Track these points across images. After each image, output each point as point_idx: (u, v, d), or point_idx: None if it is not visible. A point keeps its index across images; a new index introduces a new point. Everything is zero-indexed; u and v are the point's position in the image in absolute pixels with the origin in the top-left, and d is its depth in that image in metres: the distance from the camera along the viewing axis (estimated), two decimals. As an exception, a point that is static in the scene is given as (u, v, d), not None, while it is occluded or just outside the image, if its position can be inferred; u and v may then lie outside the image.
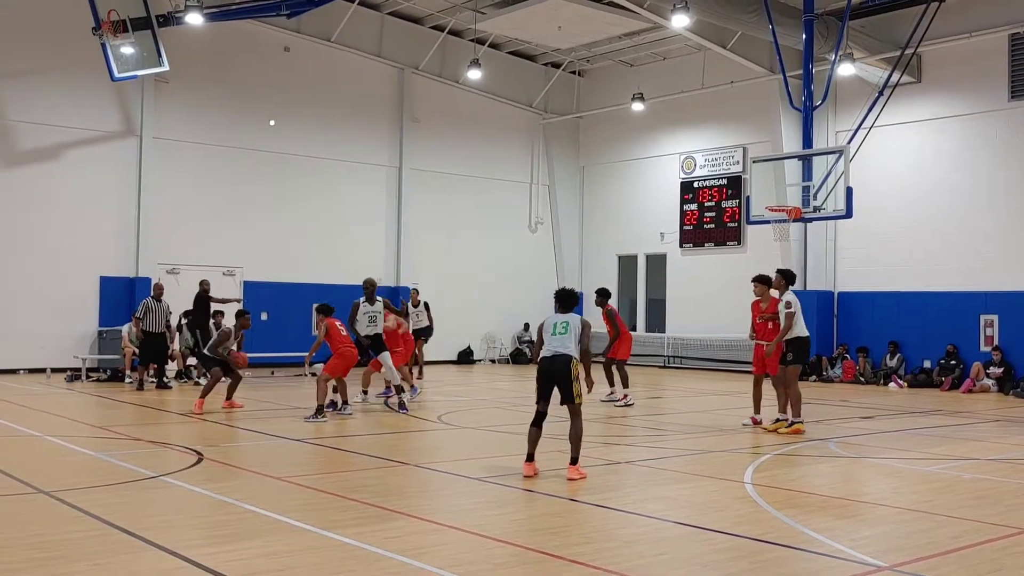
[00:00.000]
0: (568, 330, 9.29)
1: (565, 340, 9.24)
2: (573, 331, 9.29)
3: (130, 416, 14.70)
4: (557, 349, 9.19)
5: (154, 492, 8.50)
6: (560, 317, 9.46)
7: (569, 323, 9.34)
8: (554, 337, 9.29)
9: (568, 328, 9.30)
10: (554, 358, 9.17)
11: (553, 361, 9.18)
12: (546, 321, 9.51)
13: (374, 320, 14.94)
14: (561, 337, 9.27)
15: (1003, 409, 16.95)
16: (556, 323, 9.38)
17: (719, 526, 7.20)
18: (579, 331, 9.31)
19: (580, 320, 9.42)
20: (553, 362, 9.18)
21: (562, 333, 9.29)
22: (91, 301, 22.17)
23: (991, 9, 21.05)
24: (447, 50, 27.09)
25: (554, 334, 9.32)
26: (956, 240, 21.81)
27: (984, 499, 8.50)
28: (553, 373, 9.18)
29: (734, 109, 25.97)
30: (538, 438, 9.31)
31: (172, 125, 23.19)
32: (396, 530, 6.96)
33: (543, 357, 9.26)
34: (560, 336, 9.28)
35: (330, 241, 25.43)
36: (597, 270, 29.87)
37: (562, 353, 9.17)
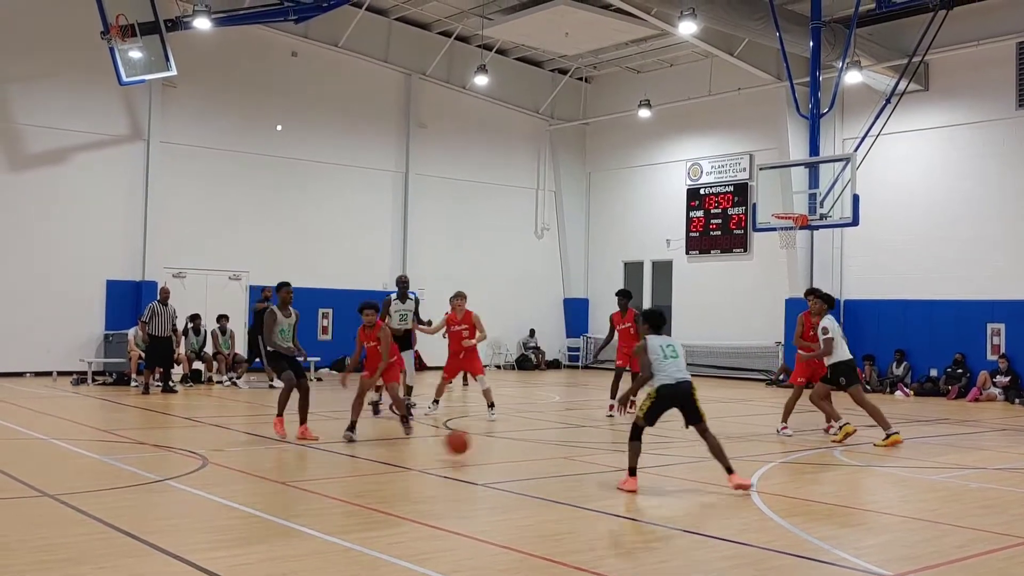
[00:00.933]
0: (678, 353, 9.17)
1: (680, 363, 9.11)
2: (682, 353, 9.20)
3: (135, 420, 14.71)
4: (677, 376, 9.03)
5: (159, 496, 8.50)
6: (665, 340, 9.25)
7: (675, 345, 9.20)
8: (667, 362, 9.08)
9: (677, 351, 9.17)
10: (679, 384, 8.99)
11: (679, 387, 8.99)
12: (649, 344, 9.20)
13: (404, 318, 14.71)
14: (675, 361, 9.10)
15: (1010, 418, 16.88)
16: (663, 346, 9.15)
17: (724, 534, 7.18)
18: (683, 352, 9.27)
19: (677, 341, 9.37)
20: (679, 387, 8.99)
21: (674, 357, 9.12)
22: (97, 304, 22.22)
23: (999, 17, 21.03)
24: (454, 56, 27.13)
25: (666, 358, 9.10)
26: (963, 248, 21.75)
27: (990, 508, 8.46)
28: (679, 397, 9.02)
29: (741, 116, 25.96)
30: (639, 451, 9.07)
31: (179, 129, 23.26)
32: (400, 535, 6.96)
33: (665, 384, 9.01)
34: (674, 360, 9.10)
35: (336, 246, 25.46)
36: (603, 277, 29.86)
37: (687, 379, 9.04)
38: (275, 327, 12.13)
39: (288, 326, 12.25)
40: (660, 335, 9.32)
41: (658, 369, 9.07)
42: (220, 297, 23.28)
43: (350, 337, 26.29)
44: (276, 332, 12.14)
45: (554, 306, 30.08)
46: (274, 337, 12.12)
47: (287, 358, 12.24)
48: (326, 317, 25.31)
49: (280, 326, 12.17)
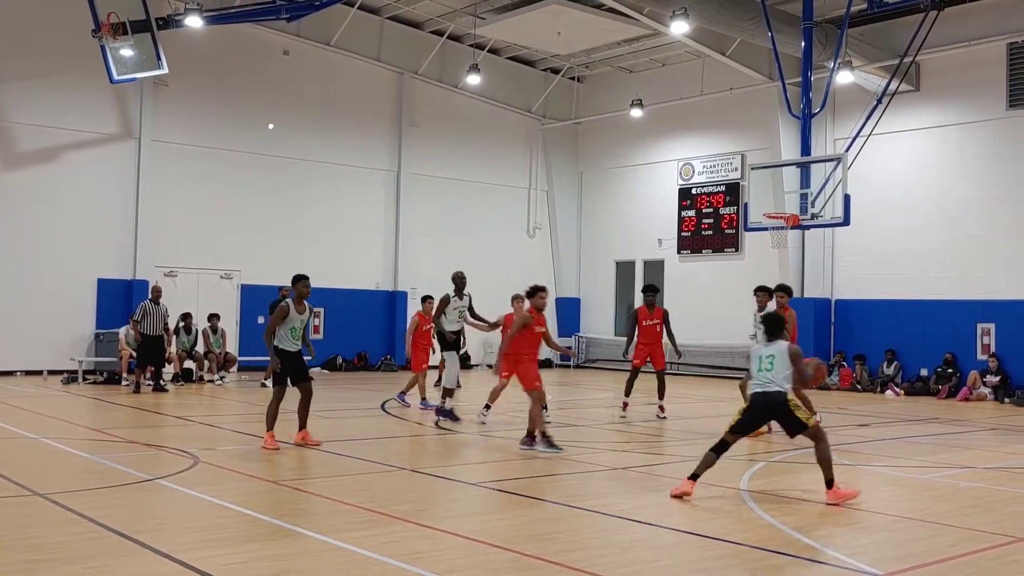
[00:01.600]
0: (774, 364, 8.80)
1: (774, 375, 8.78)
2: (781, 364, 8.80)
3: (126, 419, 14.68)
4: (767, 386, 8.75)
5: (150, 495, 8.48)
6: (766, 350, 8.92)
7: (776, 356, 8.83)
8: (760, 373, 8.84)
9: (774, 363, 8.81)
10: (767, 395, 8.73)
11: (767, 397, 8.73)
12: (752, 352, 9.05)
13: (463, 315, 14.25)
14: (768, 372, 8.80)
15: (1000, 417, 16.95)
16: (762, 356, 8.89)
17: (715, 533, 7.20)
18: (788, 362, 8.82)
19: (788, 348, 8.89)
20: (767, 398, 8.73)
21: (768, 369, 8.82)
22: (88, 303, 22.16)
23: (989, 18, 21.10)
24: (446, 55, 27.11)
25: (760, 370, 8.86)
26: (954, 248, 21.83)
27: (980, 507, 8.50)
28: (772, 409, 8.78)
29: (733, 116, 26.00)
30: (711, 464, 8.73)
31: (171, 128, 23.20)
32: (393, 535, 6.95)
33: (756, 392, 8.80)
34: (766, 372, 8.81)
35: (328, 245, 25.42)
36: (595, 276, 29.90)
37: (774, 390, 8.73)
38: (285, 323, 11.30)
39: (300, 323, 11.44)
40: (772, 342, 8.96)
41: (752, 380, 8.90)
42: (211, 296, 23.23)
43: (343, 335, 26.34)
44: (286, 329, 11.34)
45: (547, 305, 30.03)
46: (281, 333, 11.31)
47: (292, 362, 11.50)
48: (318, 316, 25.26)
49: (292, 323, 11.35)
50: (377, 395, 18.50)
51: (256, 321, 23.22)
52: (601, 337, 29.52)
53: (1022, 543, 7.07)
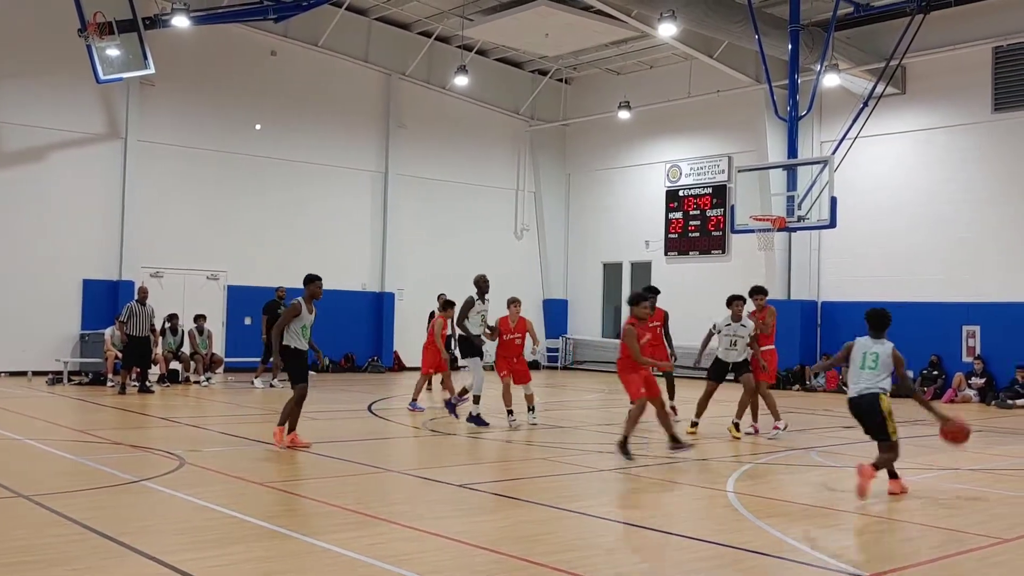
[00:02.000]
0: (878, 364, 8.71)
1: (874, 375, 8.70)
2: (885, 363, 8.73)
3: (111, 420, 14.61)
4: (865, 388, 8.70)
5: (135, 497, 8.45)
6: (871, 346, 8.81)
7: (879, 354, 8.72)
8: (862, 371, 8.72)
9: (879, 362, 8.71)
10: (861, 397, 8.72)
11: (861, 399, 8.74)
12: (855, 345, 8.88)
13: (485, 319, 14.04)
14: (871, 372, 8.69)
15: (984, 419, 17.03)
16: (866, 353, 8.76)
17: (701, 534, 7.21)
18: (891, 364, 8.74)
19: (893, 351, 8.78)
20: (861, 400, 8.74)
21: (872, 368, 8.69)
22: (73, 304, 22.06)
23: (975, 22, 21.22)
24: (434, 56, 27.10)
25: (863, 367, 8.72)
26: (939, 251, 21.94)
27: (965, 509, 8.54)
28: (861, 412, 8.78)
29: (720, 118, 26.07)
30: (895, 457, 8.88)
31: (157, 128, 23.12)
32: (378, 536, 6.95)
33: (851, 397, 8.74)
34: (870, 371, 8.69)
35: (315, 246, 25.35)
36: (582, 278, 29.93)
37: (869, 392, 8.68)
38: (296, 323, 11.14)
39: (309, 324, 11.30)
40: (876, 339, 8.89)
41: (851, 378, 8.86)
42: (198, 297, 23.15)
43: (329, 337, 26.32)
44: (297, 327, 11.18)
45: (533, 307, 30.07)
46: (293, 332, 11.15)
47: (302, 361, 11.32)
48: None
49: (302, 322, 11.20)
50: (364, 397, 18.47)
51: (243, 322, 23.18)
52: (588, 339, 29.55)
53: (1007, 544, 7.11)
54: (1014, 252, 20.87)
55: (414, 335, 27.11)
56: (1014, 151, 21.05)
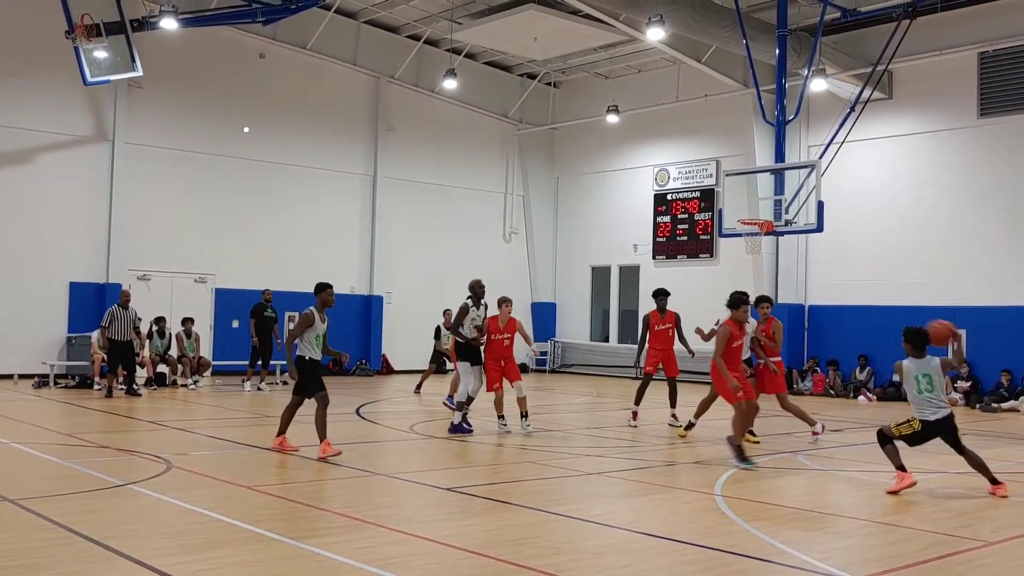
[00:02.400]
0: (934, 385, 8.94)
1: (938, 395, 9.01)
2: (939, 381, 8.98)
3: (98, 423, 14.56)
4: (939, 413, 8.98)
5: (122, 500, 8.42)
6: (923, 367, 9.01)
7: (932, 376, 8.94)
8: (923, 396, 8.93)
9: (934, 383, 8.94)
10: (942, 420, 9.01)
11: (942, 423, 9.03)
12: (906, 371, 9.07)
13: (479, 325, 13.87)
14: (931, 395, 8.97)
15: (970, 423, 17.11)
16: (919, 376, 8.98)
17: (689, 538, 7.23)
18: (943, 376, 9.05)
19: (941, 362, 9.06)
20: (942, 423, 9.03)
21: (929, 391, 8.92)
22: (60, 307, 21.96)
23: (960, 28, 21.35)
24: (423, 59, 27.11)
25: (921, 392, 8.93)
26: (925, 255, 22.05)
27: (951, 512, 8.58)
28: (943, 431, 9.09)
29: (708, 122, 26.15)
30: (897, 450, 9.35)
31: (145, 130, 23.05)
32: (366, 540, 6.94)
33: (927, 421, 8.95)
34: (930, 393, 8.96)
35: (303, 249, 25.33)
36: (570, 281, 29.96)
37: (948, 414, 9.03)
38: (309, 333, 10.99)
39: (323, 333, 11.15)
40: (921, 358, 9.04)
41: (916, 402, 9.00)
42: (185, 300, 23.10)
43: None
44: (311, 339, 11.02)
45: (522, 310, 30.02)
46: (306, 341, 10.99)
47: (315, 371, 11.16)
48: (292, 320, 25.15)
49: (316, 332, 11.04)
50: (352, 400, 18.44)
51: (231, 325, 23.11)
52: (577, 342, 29.58)
53: (992, 547, 7.15)
54: (999, 256, 20.99)
55: (403, 338, 27.18)
56: (999, 156, 21.18)
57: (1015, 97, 21.01)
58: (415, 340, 27.48)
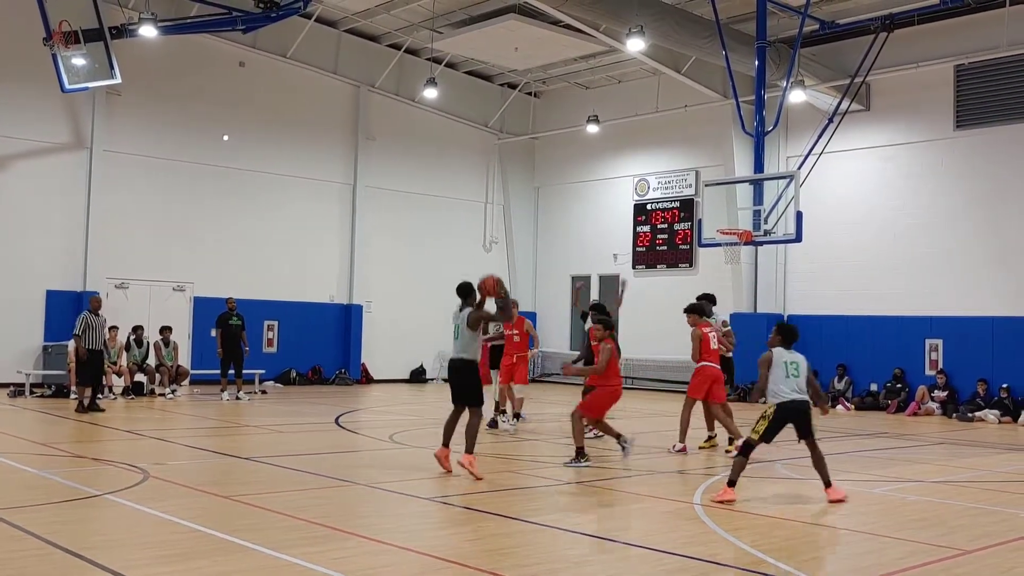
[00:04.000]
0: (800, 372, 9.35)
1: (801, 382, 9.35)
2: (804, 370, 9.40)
3: (74, 433, 14.43)
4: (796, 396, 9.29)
5: (98, 511, 8.35)
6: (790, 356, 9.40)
7: (800, 363, 9.38)
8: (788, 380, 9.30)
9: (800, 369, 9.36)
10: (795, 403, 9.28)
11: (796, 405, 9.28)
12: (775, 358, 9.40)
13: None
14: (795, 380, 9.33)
15: (947, 432, 17.24)
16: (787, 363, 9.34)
17: (669, 547, 7.24)
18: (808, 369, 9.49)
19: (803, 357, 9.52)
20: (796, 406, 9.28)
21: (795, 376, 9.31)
22: (36, 315, 21.76)
23: (937, 41, 21.55)
24: (404, 68, 27.11)
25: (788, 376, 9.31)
26: (902, 265, 22.21)
27: (928, 521, 8.63)
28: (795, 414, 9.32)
29: (687, 133, 26.27)
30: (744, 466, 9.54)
31: (123, 138, 22.91)
32: (346, 550, 6.91)
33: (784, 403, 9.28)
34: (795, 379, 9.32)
35: (283, 258, 25.25)
36: (551, 290, 29.98)
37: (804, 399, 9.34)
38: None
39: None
40: (788, 351, 9.43)
41: (777, 386, 9.27)
42: (164, 308, 22.93)
43: (297, 349, 26.09)
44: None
45: (502, 319, 30.07)
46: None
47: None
48: (271, 329, 25.09)
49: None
50: (331, 409, 18.38)
51: (209, 334, 22.95)
52: (557, 351, 29.57)
53: (969, 556, 7.19)
54: (975, 267, 21.17)
55: (382, 348, 27.13)
56: (975, 168, 21.39)
57: (991, 109, 21.24)
58: (395, 349, 27.51)
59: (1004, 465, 12.96)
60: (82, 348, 16.98)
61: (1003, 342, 20.49)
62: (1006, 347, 20.40)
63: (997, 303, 20.72)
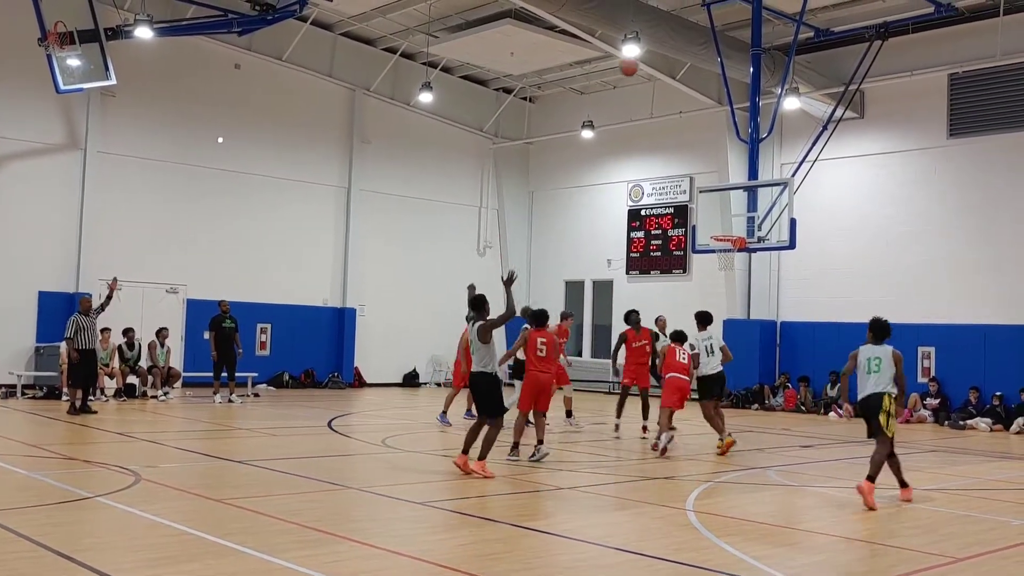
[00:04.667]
0: (881, 367, 9.74)
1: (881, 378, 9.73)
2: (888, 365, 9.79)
3: (66, 435, 14.39)
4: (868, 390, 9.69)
5: (90, 513, 8.33)
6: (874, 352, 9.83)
7: (883, 359, 9.78)
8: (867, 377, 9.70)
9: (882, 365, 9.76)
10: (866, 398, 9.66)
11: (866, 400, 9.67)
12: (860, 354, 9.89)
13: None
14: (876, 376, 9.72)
15: (939, 440, 17.27)
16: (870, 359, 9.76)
17: (660, 552, 7.24)
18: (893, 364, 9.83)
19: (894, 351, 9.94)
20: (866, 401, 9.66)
21: (876, 372, 9.67)
22: (29, 316, 21.69)
23: (931, 50, 21.63)
24: (399, 72, 27.11)
25: (868, 373, 9.69)
26: (896, 273, 22.25)
27: (920, 528, 8.65)
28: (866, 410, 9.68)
29: (682, 139, 26.30)
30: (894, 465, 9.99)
31: (118, 139, 22.87)
32: (338, 554, 6.90)
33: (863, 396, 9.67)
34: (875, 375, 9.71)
35: (276, 261, 25.21)
36: (544, 295, 29.96)
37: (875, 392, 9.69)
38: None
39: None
40: (877, 345, 9.86)
41: (860, 382, 9.70)
42: (157, 310, 22.87)
43: (290, 352, 26.07)
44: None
45: (495, 324, 30.05)
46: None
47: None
48: (264, 332, 25.04)
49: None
50: (324, 413, 18.35)
51: (202, 336, 22.88)
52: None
53: (960, 564, 7.21)
54: (968, 275, 21.22)
55: (375, 351, 27.10)
56: (968, 176, 21.45)
57: (984, 118, 21.30)
58: (388, 353, 27.47)
59: (996, 473, 13.00)
60: (74, 351, 16.93)
61: (995, 350, 20.54)
62: (998, 355, 20.45)
63: (989, 311, 20.77)
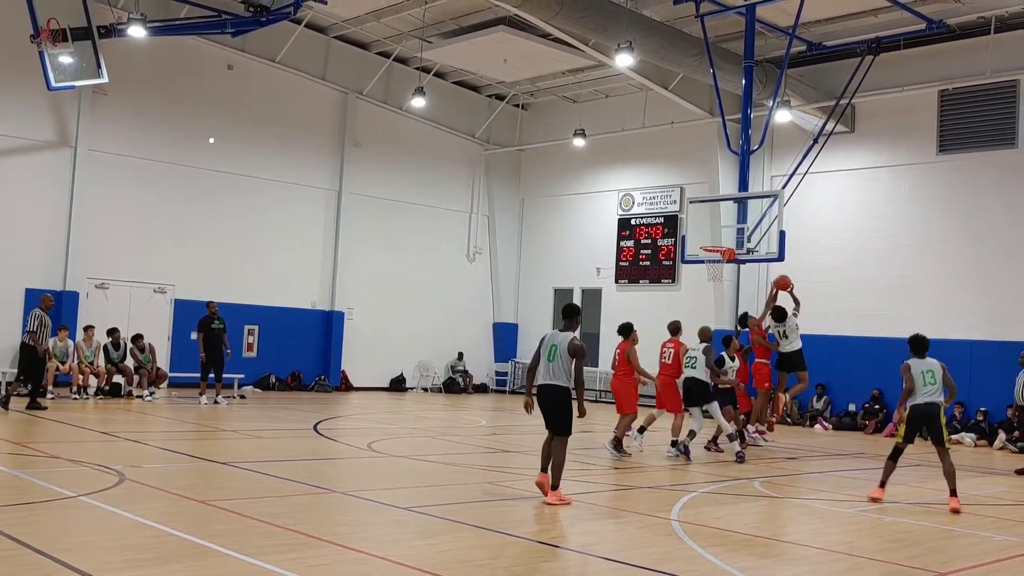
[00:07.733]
0: (936, 379, 10.62)
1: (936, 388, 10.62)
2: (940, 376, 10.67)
3: (50, 433, 14.31)
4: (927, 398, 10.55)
5: (72, 512, 8.28)
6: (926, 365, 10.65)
7: (935, 371, 10.64)
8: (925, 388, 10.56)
9: (936, 377, 10.62)
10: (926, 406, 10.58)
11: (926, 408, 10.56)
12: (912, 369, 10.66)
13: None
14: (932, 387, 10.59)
15: (923, 454, 17.29)
16: (924, 372, 10.58)
17: (644, 563, 7.24)
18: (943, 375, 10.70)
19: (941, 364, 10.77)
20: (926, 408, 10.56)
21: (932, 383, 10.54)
22: (14, 313, 21.53)
23: (922, 66, 21.75)
24: (392, 77, 27.12)
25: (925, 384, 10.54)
26: (883, 287, 22.34)
27: (903, 541, 8.67)
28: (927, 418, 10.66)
29: (673, 149, 26.37)
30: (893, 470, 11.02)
31: (109, 138, 22.79)
32: (322, 558, 6.88)
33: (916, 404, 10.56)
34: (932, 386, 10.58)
35: (265, 262, 25.15)
36: (533, 302, 30.01)
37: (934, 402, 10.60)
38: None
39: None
40: (923, 359, 10.70)
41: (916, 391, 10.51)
42: (144, 310, 22.80)
43: (277, 354, 25.99)
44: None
45: (483, 330, 30.11)
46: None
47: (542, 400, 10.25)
48: (252, 334, 24.97)
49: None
50: (310, 416, 18.30)
51: (190, 337, 22.82)
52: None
53: (941, 578, 7.23)
54: (955, 291, 21.31)
55: (363, 355, 27.06)
56: (956, 192, 21.56)
57: (973, 135, 21.41)
58: (375, 357, 27.44)
59: (979, 488, 13.04)
60: (39, 348, 17.20)
61: (981, 366, 20.60)
62: (984, 371, 20.51)
63: (976, 327, 20.86)
